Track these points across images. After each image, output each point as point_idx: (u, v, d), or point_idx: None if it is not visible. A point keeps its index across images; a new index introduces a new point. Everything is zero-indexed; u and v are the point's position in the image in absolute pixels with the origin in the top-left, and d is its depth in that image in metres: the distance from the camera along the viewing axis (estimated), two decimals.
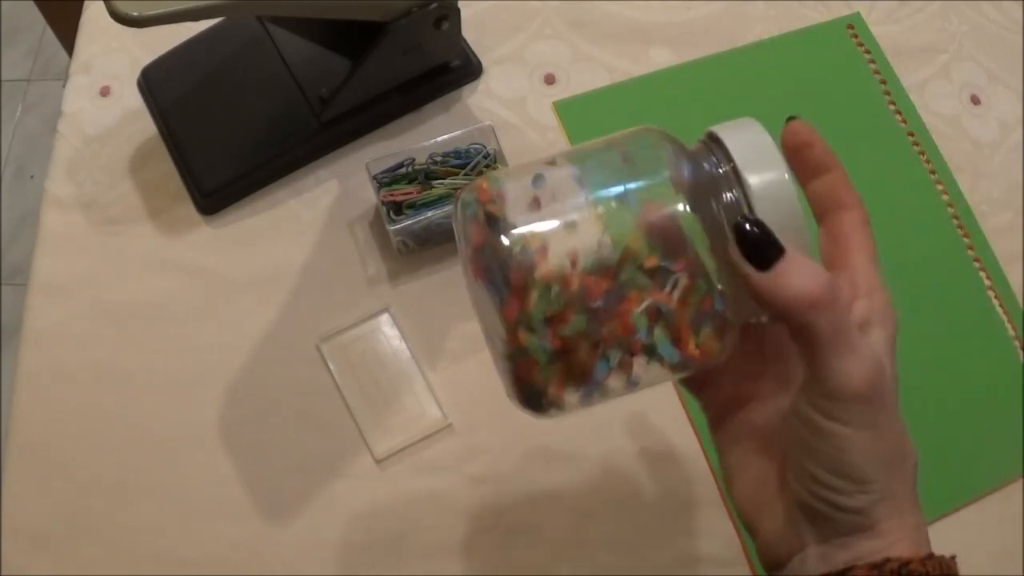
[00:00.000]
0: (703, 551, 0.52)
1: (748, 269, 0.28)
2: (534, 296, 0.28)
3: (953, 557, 0.30)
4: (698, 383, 0.36)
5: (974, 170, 0.63)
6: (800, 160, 0.32)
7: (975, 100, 0.66)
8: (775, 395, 0.34)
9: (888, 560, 0.28)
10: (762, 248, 0.28)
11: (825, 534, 0.30)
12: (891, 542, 0.29)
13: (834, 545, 0.30)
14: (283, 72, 0.60)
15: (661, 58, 0.65)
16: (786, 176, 0.29)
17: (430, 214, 0.53)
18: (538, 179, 0.30)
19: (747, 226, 0.28)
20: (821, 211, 0.33)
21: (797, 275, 0.28)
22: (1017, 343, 0.59)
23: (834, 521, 0.29)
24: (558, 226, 0.29)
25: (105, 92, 0.64)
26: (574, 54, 0.65)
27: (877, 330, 0.30)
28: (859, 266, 0.32)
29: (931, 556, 0.29)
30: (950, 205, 0.62)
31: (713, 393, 0.35)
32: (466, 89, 0.64)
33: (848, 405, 0.28)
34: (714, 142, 0.31)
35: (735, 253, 0.28)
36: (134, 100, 0.63)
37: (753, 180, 0.29)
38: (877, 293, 0.31)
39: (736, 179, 0.29)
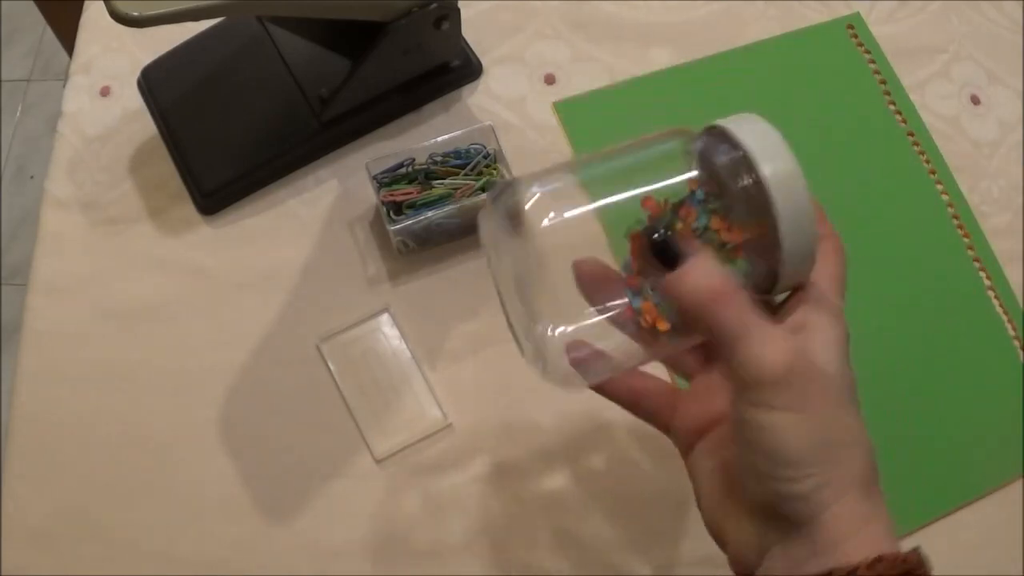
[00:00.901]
0: (703, 551, 0.52)
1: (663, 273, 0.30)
2: None
3: (915, 549, 0.29)
4: (664, 419, 0.37)
5: (974, 170, 0.63)
6: None
7: (975, 100, 0.66)
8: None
9: (832, 572, 0.28)
10: (668, 250, 0.31)
11: (784, 529, 0.30)
12: (843, 535, 0.29)
13: (794, 541, 0.30)
14: (283, 72, 0.60)
15: (661, 58, 0.65)
16: (795, 163, 0.30)
17: (430, 214, 0.53)
18: None
19: (656, 235, 0.31)
20: None
21: (696, 272, 0.29)
22: (1017, 343, 0.59)
23: (785, 514, 0.30)
24: None
25: (105, 92, 0.64)
26: (574, 54, 0.65)
27: (814, 334, 0.31)
28: (816, 281, 0.33)
29: (880, 559, 0.28)
30: (950, 205, 0.62)
31: (680, 425, 0.37)
32: (466, 89, 0.64)
33: (767, 389, 0.29)
34: (719, 135, 0.32)
35: (652, 262, 0.31)
36: (134, 100, 0.63)
37: (767, 170, 0.30)
38: (825, 303, 0.32)
39: (747, 168, 0.30)
